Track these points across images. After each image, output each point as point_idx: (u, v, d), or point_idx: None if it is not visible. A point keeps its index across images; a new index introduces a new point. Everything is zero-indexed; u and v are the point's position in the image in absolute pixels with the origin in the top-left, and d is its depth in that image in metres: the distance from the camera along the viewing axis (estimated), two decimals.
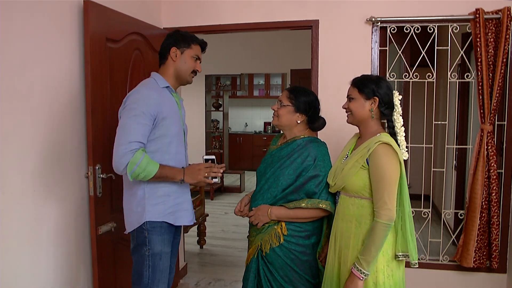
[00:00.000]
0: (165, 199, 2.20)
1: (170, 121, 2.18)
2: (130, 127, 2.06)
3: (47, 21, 2.31)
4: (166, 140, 2.17)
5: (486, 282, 3.18)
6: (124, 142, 2.03)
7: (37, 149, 2.27)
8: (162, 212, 2.19)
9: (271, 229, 2.22)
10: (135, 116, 2.06)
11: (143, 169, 2.04)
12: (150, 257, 2.18)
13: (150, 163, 2.06)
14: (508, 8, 2.88)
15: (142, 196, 2.17)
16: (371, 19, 3.16)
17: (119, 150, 2.03)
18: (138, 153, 2.03)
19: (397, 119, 2.07)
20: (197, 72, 2.33)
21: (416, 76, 3.20)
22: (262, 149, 9.89)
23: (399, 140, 2.06)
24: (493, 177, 2.99)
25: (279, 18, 3.37)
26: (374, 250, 1.89)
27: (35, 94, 2.24)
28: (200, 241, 4.93)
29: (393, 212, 1.89)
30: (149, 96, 2.11)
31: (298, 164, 2.19)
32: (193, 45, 2.27)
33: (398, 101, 2.06)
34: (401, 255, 1.97)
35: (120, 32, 2.77)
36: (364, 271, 1.90)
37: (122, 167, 2.03)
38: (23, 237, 2.19)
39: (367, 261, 1.89)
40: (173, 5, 3.56)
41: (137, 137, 2.05)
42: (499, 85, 2.93)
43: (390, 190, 1.91)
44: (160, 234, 2.19)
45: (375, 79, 2.05)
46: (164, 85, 2.23)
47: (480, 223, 3.04)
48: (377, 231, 1.89)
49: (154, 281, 2.19)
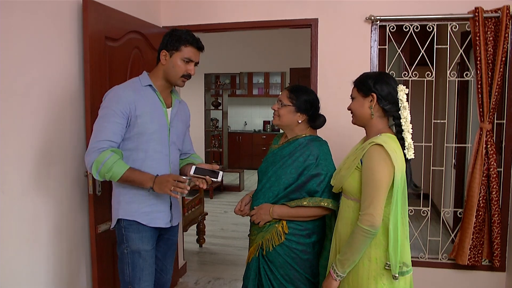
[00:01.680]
0: (140, 198, 2.17)
1: (147, 118, 2.14)
2: (101, 126, 2.06)
3: (46, 20, 2.31)
4: (143, 138, 2.14)
5: (485, 280, 3.19)
6: (93, 141, 2.04)
7: (36, 148, 2.27)
8: (136, 211, 2.16)
9: (272, 227, 2.22)
10: (106, 115, 2.07)
11: (108, 168, 2.01)
12: (128, 254, 2.16)
13: (117, 164, 2.02)
14: (507, 7, 2.88)
15: (119, 193, 2.18)
16: (371, 17, 3.16)
17: (88, 149, 2.05)
18: (105, 152, 2.02)
19: (404, 114, 1.90)
20: (191, 75, 2.24)
21: (416, 75, 3.20)
22: (261, 147, 9.90)
23: (406, 137, 1.90)
24: (493, 175, 3.00)
25: (278, 17, 3.37)
26: (350, 254, 1.83)
27: (34, 93, 2.24)
28: (199, 240, 4.93)
29: (375, 218, 1.76)
30: (121, 95, 2.10)
31: (300, 163, 2.19)
32: (183, 47, 2.16)
33: (404, 95, 1.90)
34: (388, 263, 1.83)
35: (119, 30, 2.76)
36: (338, 272, 1.87)
37: (88, 165, 2.04)
38: (22, 236, 2.19)
39: (342, 263, 1.86)
40: (172, 4, 3.56)
41: (106, 135, 2.04)
42: (498, 83, 2.93)
43: (376, 195, 1.78)
44: (137, 232, 2.17)
45: (373, 75, 1.94)
46: (146, 84, 2.19)
47: (476, 221, 3.05)
48: (356, 235, 1.81)
49: (135, 279, 2.16)
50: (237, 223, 5.79)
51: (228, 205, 6.89)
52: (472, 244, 3.07)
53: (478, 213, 3.04)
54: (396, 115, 1.93)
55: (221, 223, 5.91)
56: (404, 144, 1.91)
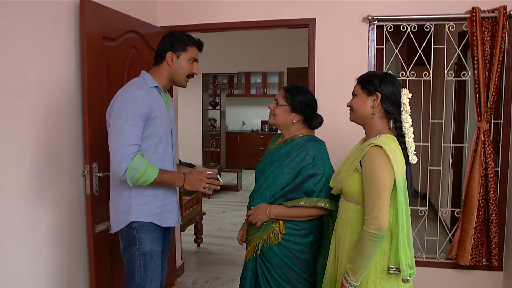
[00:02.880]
0: (152, 199, 2.19)
1: (159, 121, 2.16)
2: (125, 129, 2.02)
3: (43, 19, 2.30)
4: (155, 140, 2.15)
5: (482, 279, 3.20)
6: (121, 146, 2.00)
7: (34, 148, 2.26)
8: (149, 213, 2.18)
9: (269, 227, 2.22)
10: (127, 118, 2.03)
11: (142, 173, 2.02)
12: (140, 256, 2.17)
13: (149, 168, 2.05)
14: (504, 7, 2.89)
15: (129, 196, 2.16)
16: (368, 17, 3.16)
17: (117, 155, 2.00)
18: (137, 158, 2.01)
19: (405, 118, 1.90)
20: (194, 75, 2.30)
21: (413, 75, 3.21)
22: (259, 147, 9.90)
23: (407, 142, 1.89)
24: (491, 175, 3.00)
25: (276, 17, 3.37)
26: (361, 261, 1.78)
27: (31, 92, 2.23)
28: (197, 240, 4.92)
29: (381, 221, 1.74)
30: (139, 96, 2.09)
31: (297, 163, 2.19)
32: (189, 47, 2.22)
33: (407, 99, 1.90)
34: (393, 268, 1.81)
35: (116, 30, 2.76)
36: (351, 282, 1.81)
37: (121, 173, 2.01)
38: (19, 236, 2.19)
39: (354, 271, 1.80)
40: (170, 3, 3.56)
41: (132, 139, 2.03)
42: (496, 83, 2.94)
43: (380, 197, 1.75)
44: (149, 233, 2.18)
45: (380, 75, 1.92)
46: (153, 85, 2.20)
47: (477, 221, 3.05)
48: (364, 241, 1.77)
49: (147, 280, 2.18)
50: (235, 223, 5.79)
51: (226, 205, 6.89)
52: (473, 244, 3.07)
53: (479, 212, 3.04)
54: (397, 118, 1.92)
55: (219, 223, 5.90)
56: (406, 149, 1.90)
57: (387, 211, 1.77)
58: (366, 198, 1.81)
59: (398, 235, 1.80)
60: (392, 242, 1.82)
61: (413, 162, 1.91)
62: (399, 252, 1.79)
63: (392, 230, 1.82)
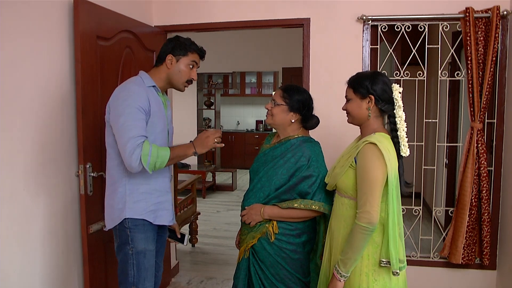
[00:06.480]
0: (147, 196, 2.20)
1: (156, 119, 2.18)
2: (129, 124, 2.04)
3: (36, 19, 2.29)
4: (151, 138, 2.15)
5: (476, 278, 3.21)
6: (129, 140, 2.01)
7: (27, 148, 2.25)
8: (143, 210, 2.18)
9: (263, 227, 2.22)
10: (130, 113, 2.05)
11: (156, 156, 2.03)
12: (134, 255, 2.17)
13: (160, 150, 2.06)
14: (498, 7, 2.90)
15: (124, 193, 2.17)
16: (362, 17, 3.17)
17: (127, 149, 2.00)
18: (146, 144, 2.02)
19: (398, 113, 1.95)
20: (193, 81, 2.31)
21: (407, 74, 3.22)
22: (254, 147, 9.90)
23: (400, 135, 1.95)
24: (483, 174, 3.02)
25: (270, 17, 3.37)
26: (351, 253, 1.84)
27: (25, 92, 2.22)
28: (192, 240, 4.91)
29: (372, 215, 1.80)
30: (138, 92, 2.11)
31: (291, 164, 2.19)
32: (190, 53, 2.24)
33: (398, 94, 1.94)
34: (384, 261, 1.88)
35: (110, 30, 2.75)
36: (341, 272, 1.87)
37: (136, 163, 2.00)
38: (13, 236, 2.17)
39: (344, 262, 1.86)
40: (164, 3, 3.54)
41: (137, 132, 2.03)
42: (489, 83, 2.95)
43: (372, 192, 1.82)
44: (143, 232, 2.19)
45: (369, 76, 1.96)
46: (150, 84, 2.21)
47: (469, 220, 3.06)
48: (355, 233, 1.83)
49: (140, 279, 2.18)
50: (230, 222, 5.79)
51: (220, 205, 6.88)
52: (465, 243, 3.09)
53: (471, 212, 3.06)
54: (392, 114, 1.97)
55: (214, 222, 5.90)
56: (398, 143, 1.95)
57: (378, 206, 1.83)
58: (359, 193, 1.87)
59: (389, 229, 1.86)
60: (384, 236, 1.89)
61: (405, 155, 1.96)
62: (389, 246, 1.85)
63: (384, 224, 1.88)
